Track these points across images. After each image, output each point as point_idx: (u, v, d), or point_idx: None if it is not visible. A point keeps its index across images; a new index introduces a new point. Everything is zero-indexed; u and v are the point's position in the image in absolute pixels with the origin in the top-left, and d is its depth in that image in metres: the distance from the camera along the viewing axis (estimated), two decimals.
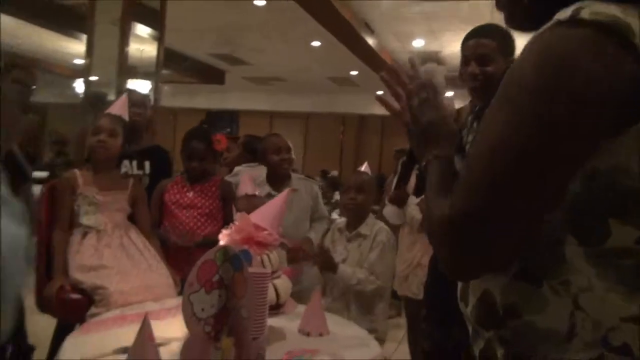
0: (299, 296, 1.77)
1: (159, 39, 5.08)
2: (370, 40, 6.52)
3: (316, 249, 2.12)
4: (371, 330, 2.06)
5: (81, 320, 1.69)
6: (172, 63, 8.08)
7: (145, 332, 1.19)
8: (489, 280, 0.66)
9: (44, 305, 1.81)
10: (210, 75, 9.36)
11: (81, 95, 5.04)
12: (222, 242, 1.46)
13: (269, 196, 2.51)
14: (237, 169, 2.97)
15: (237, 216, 1.47)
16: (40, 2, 6.17)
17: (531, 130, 0.57)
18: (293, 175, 2.69)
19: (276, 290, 1.44)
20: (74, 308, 1.74)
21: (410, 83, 0.87)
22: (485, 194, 0.59)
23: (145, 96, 2.71)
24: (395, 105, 0.88)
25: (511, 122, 0.59)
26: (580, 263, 0.60)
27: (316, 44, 7.12)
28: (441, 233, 0.63)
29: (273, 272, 1.47)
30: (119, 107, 2.04)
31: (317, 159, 10.58)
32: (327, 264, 2.04)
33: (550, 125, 0.56)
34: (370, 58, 7.06)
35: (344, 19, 5.59)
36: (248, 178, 2.26)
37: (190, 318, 1.17)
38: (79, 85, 7.09)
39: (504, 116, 0.60)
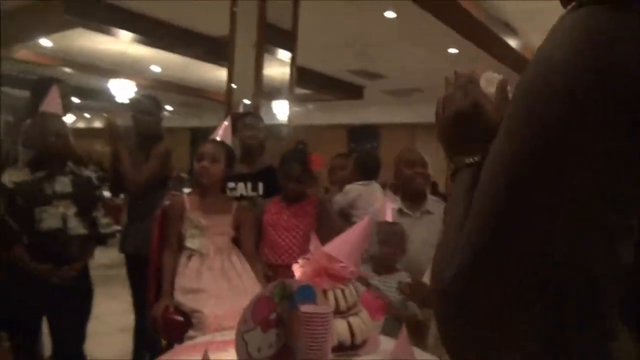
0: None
1: (292, 59, 5.27)
2: (513, 42, 5.98)
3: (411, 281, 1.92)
4: None
5: (180, 341, 1.75)
6: (310, 82, 8.40)
7: None
8: None
9: (152, 324, 1.92)
10: (348, 91, 9.50)
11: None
12: (296, 274, 1.39)
13: (401, 213, 2.38)
14: (348, 187, 2.88)
15: (311, 245, 1.38)
16: (197, 39, 6.90)
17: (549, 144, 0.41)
18: (430, 197, 2.50)
19: (351, 328, 1.31)
20: (174, 329, 1.82)
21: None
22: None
23: (258, 119, 2.78)
24: None
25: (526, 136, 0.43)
26: None
27: (453, 51, 6.76)
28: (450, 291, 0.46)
29: (349, 309, 1.35)
30: (222, 133, 2.11)
31: None
32: (426, 300, 1.83)
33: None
34: (515, 60, 6.47)
35: (479, 22, 5.22)
36: (389, 203, 2.15)
37: (245, 358, 1.11)
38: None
39: (520, 124, 0.44)
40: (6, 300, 2.14)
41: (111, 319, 3.67)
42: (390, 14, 5.64)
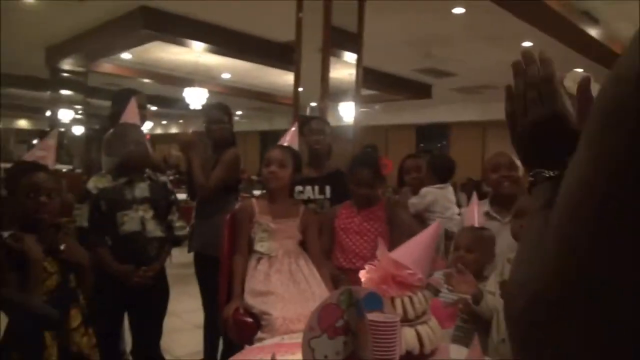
0: None
1: (358, 61, 5.26)
2: (594, 32, 5.60)
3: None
4: None
5: (250, 342, 1.79)
6: (377, 82, 8.33)
7: None
8: None
9: (223, 325, 1.98)
10: (416, 90, 9.34)
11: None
12: (362, 280, 1.38)
13: (488, 217, 2.28)
14: (424, 190, 2.83)
15: (378, 252, 1.36)
16: (265, 45, 7.07)
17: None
18: None
19: (419, 337, 1.28)
20: (244, 330, 1.86)
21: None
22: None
23: (324, 123, 2.79)
24: None
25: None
26: None
27: (527, 44, 6.44)
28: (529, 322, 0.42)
29: (418, 317, 1.31)
30: (289, 138, 2.14)
31: None
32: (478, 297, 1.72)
33: None
34: (598, 52, 6.06)
35: (555, 12, 4.93)
36: (476, 208, 2.10)
37: None
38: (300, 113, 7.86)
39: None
40: (93, 299, 2.29)
41: (188, 316, 3.84)
42: (458, 10, 5.49)
